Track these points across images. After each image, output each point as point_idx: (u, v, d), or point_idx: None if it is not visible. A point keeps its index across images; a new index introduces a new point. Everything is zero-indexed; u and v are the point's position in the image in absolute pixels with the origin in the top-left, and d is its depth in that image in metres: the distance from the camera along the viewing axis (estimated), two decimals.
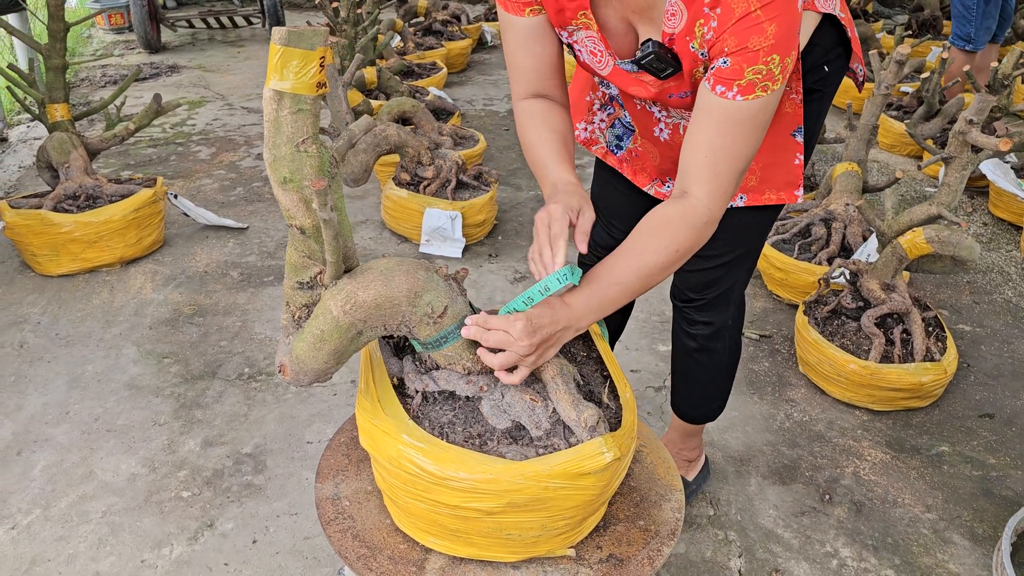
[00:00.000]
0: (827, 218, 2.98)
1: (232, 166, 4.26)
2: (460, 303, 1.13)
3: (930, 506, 2.06)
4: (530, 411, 1.11)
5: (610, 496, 1.17)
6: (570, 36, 1.31)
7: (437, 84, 5.16)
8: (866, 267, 2.49)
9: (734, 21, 1.08)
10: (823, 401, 2.45)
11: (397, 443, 1.06)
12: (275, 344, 2.66)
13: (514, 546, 1.12)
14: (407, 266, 1.08)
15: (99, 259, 3.04)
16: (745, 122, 1.13)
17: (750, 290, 3.08)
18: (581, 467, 1.02)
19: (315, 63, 0.96)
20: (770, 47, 1.07)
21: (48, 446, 2.19)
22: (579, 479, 1.03)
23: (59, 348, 2.62)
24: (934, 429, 2.35)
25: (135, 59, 6.68)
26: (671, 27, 1.16)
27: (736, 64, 1.09)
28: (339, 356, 1.08)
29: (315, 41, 0.95)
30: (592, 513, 1.16)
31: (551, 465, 1.02)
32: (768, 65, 1.09)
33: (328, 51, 0.98)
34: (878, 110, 3.03)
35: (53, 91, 3.10)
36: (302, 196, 1.03)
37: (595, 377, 1.26)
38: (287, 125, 0.98)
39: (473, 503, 1.04)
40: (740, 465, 2.19)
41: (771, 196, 1.51)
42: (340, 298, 1.04)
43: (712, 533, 1.97)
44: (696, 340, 1.77)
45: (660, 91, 1.29)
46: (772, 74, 1.10)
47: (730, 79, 1.11)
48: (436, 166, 3.34)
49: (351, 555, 1.13)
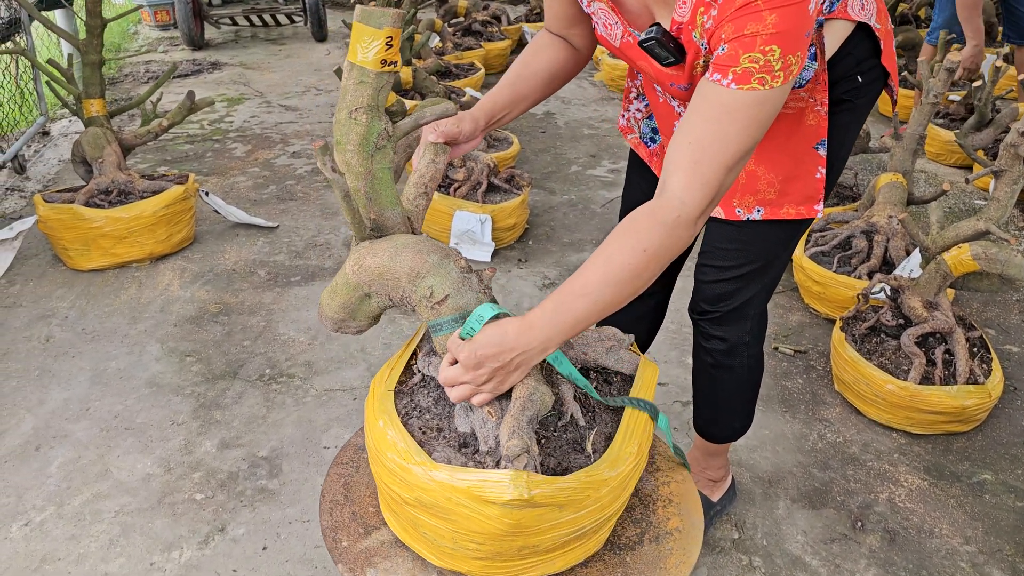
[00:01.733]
0: (869, 230, 2.87)
1: (267, 164, 4.26)
2: (468, 297, 1.08)
3: (969, 538, 1.96)
4: (482, 423, 1.07)
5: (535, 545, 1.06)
6: (589, 5, 1.30)
7: (474, 85, 5.12)
8: (908, 283, 2.38)
9: (733, 9, 1.03)
10: (859, 422, 2.35)
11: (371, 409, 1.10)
12: (297, 345, 2.64)
13: (434, 548, 1.11)
14: (423, 246, 1.09)
15: (129, 255, 3.05)
16: (736, 112, 1.05)
17: (785, 302, 2.99)
18: (482, 492, 0.98)
19: (381, 41, 1.02)
20: (769, 36, 1.01)
21: (67, 442, 2.19)
22: (482, 505, 0.99)
23: (84, 343, 2.62)
24: (976, 455, 2.24)
25: (178, 55, 6.76)
26: (680, 15, 1.13)
27: (732, 50, 1.04)
28: (350, 311, 1.14)
29: (383, 21, 1.01)
30: (517, 555, 1.07)
31: (455, 477, 0.99)
32: (767, 56, 1.02)
33: (396, 32, 1.03)
34: (926, 119, 2.92)
35: (89, 87, 3.12)
36: (345, 158, 1.10)
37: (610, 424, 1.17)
38: (349, 94, 1.07)
39: (395, 486, 1.05)
40: (768, 487, 2.10)
41: (790, 210, 1.45)
42: (354, 257, 1.11)
43: (736, 558, 1.89)
44: (712, 356, 1.70)
45: (659, 74, 1.26)
46: (771, 66, 1.03)
47: (726, 65, 1.05)
48: (467, 168, 3.30)
49: (328, 495, 1.23)
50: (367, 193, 1.11)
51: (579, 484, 1.00)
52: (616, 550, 1.16)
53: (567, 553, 1.09)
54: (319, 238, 3.41)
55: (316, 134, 4.75)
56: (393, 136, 1.11)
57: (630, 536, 1.17)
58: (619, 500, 1.07)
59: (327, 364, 2.54)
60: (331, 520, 1.16)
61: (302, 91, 5.72)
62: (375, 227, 1.13)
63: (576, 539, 1.07)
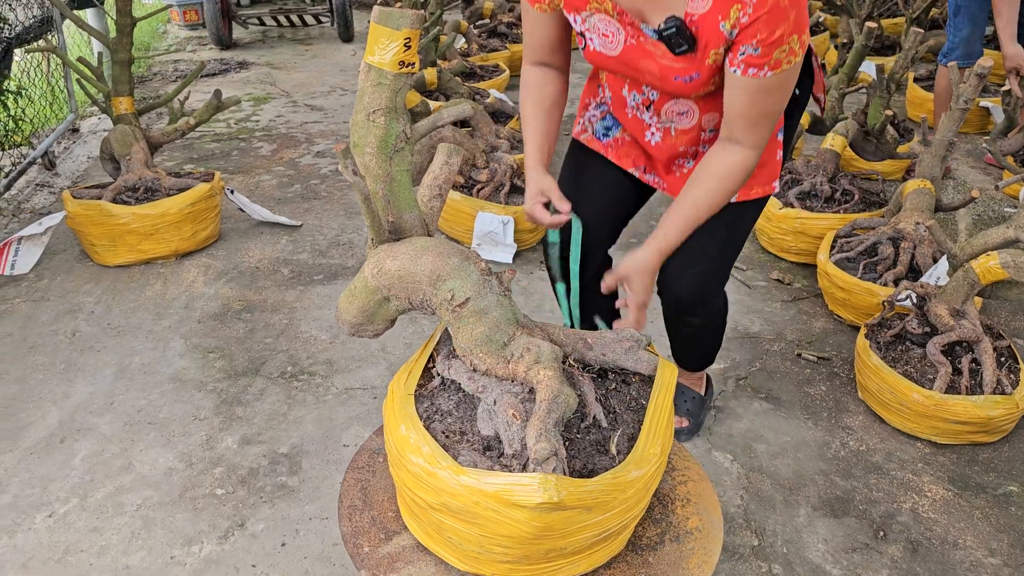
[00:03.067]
0: (895, 237, 2.83)
1: (291, 163, 4.29)
2: (489, 300, 1.08)
3: (994, 550, 1.93)
4: (507, 426, 1.06)
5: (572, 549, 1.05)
6: (583, 22, 1.44)
7: (499, 87, 5.12)
8: (935, 291, 2.35)
9: (767, 10, 1.24)
10: (882, 430, 2.32)
11: (391, 413, 1.08)
12: (319, 343, 2.65)
13: (458, 553, 1.10)
14: (443, 249, 1.08)
15: (155, 251, 3.09)
16: (775, 89, 1.34)
17: (809, 308, 2.96)
18: (511, 496, 0.96)
19: (399, 42, 1.01)
20: (791, 29, 1.26)
21: (91, 436, 2.21)
22: (510, 508, 0.97)
23: (110, 338, 2.66)
24: (1003, 467, 2.20)
25: (207, 55, 6.82)
26: (695, 9, 1.31)
27: (766, 51, 1.28)
28: (368, 315, 1.15)
29: (401, 22, 1.00)
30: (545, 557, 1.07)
31: (484, 481, 0.98)
32: (790, 43, 1.28)
33: (415, 33, 1.01)
34: (956, 125, 2.88)
35: (118, 84, 3.16)
36: (363, 161, 1.10)
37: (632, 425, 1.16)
38: (367, 95, 1.07)
39: (419, 491, 1.03)
40: (789, 494, 2.08)
41: (757, 191, 1.71)
42: (373, 261, 1.11)
43: (755, 565, 1.87)
44: (691, 327, 1.96)
45: (665, 70, 1.40)
46: (793, 50, 1.29)
47: (760, 63, 1.30)
48: (491, 169, 3.30)
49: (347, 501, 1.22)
50: (385, 195, 1.10)
51: (606, 486, 0.99)
52: (638, 551, 1.16)
53: (592, 555, 1.09)
54: (342, 237, 3.42)
55: (341, 134, 4.77)
56: (411, 138, 1.11)
57: (651, 536, 1.17)
58: (643, 501, 1.07)
59: (348, 362, 2.55)
60: (351, 526, 1.15)
61: (328, 91, 5.76)
62: (393, 229, 1.13)
63: (602, 540, 1.06)
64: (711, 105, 1.54)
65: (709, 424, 2.32)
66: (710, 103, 1.54)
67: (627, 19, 1.39)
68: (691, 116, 1.56)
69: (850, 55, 3.58)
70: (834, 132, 3.40)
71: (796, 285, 3.13)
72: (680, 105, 1.53)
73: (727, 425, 2.32)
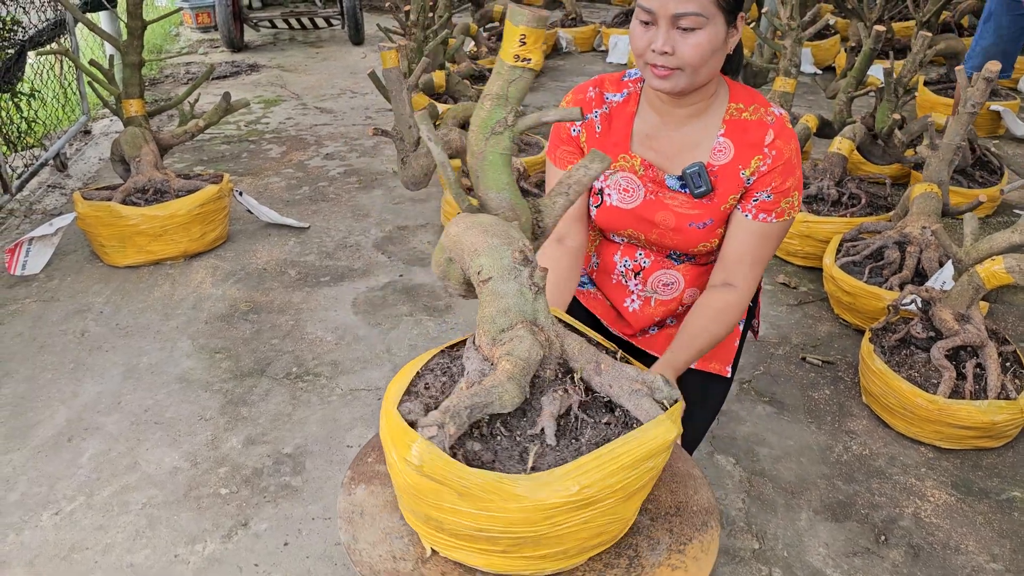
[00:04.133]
0: (901, 241, 2.83)
1: (300, 165, 4.32)
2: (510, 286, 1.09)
3: (996, 556, 1.92)
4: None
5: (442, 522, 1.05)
6: (605, 179, 1.57)
7: None
8: (940, 295, 2.35)
9: (783, 163, 1.44)
10: (886, 435, 2.32)
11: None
12: (324, 344, 2.67)
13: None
14: (493, 228, 1.13)
15: (163, 252, 3.11)
16: (774, 236, 1.50)
17: (814, 312, 2.96)
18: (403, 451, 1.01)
19: (516, 37, 1.08)
20: (796, 185, 1.47)
21: (98, 435, 2.23)
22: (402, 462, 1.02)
23: (118, 338, 2.68)
24: (1006, 472, 2.19)
25: (218, 57, 6.87)
26: (716, 160, 1.48)
27: (777, 198, 1.46)
28: (443, 270, 1.19)
29: (519, 19, 1.06)
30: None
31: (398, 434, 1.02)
32: (793, 197, 1.47)
33: (531, 31, 1.07)
34: (964, 129, 2.87)
35: (129, 87, 3.19)
36: (471, 136, 1.16)
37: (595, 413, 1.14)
38: (490, 81, 1.14)
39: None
40: (791, 497, 2.08)
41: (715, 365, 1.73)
42: (450, 224, 1.16)
43: (756, 568, 1.87)
44: None
45: (681, 218, 1.52)
46: (794, 205, 1.48)
47: (770, 209, 1.47)
48: None
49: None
50: (475, 170, 1.17)
51: (485, 483, 0.95)
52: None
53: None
54: (349, 239, 3.44)
55: (350, 136, 4.80)
56: (512, 127, 1.16)
57: None
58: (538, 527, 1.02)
59: (353, 364, 2.57)
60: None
61: (337, 93, 5.79)
62: (481, 204, 1.20)
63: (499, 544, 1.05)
64: (696, 280, 1.64)
65: (713, 428, 2.32)
66: (696, 277, 1.63)
67: (650, 174, 1.53)
68: (675, 288, 1.65)
69: (858, 59, 3.58)
70: (842, 136, 3.39)
71: (802, 289, 3.13)
72: (668, 276, 1.64)
73: (730, 429, 2.32)
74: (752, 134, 1.46)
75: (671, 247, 1.59)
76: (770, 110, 1.48)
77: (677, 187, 1.52)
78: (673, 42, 1.35)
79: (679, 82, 1.39)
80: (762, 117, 1.47)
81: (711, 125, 1.49)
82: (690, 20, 1.32)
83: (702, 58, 1.36)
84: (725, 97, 1.50)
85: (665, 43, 1.35)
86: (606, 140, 1.56)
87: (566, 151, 1.59)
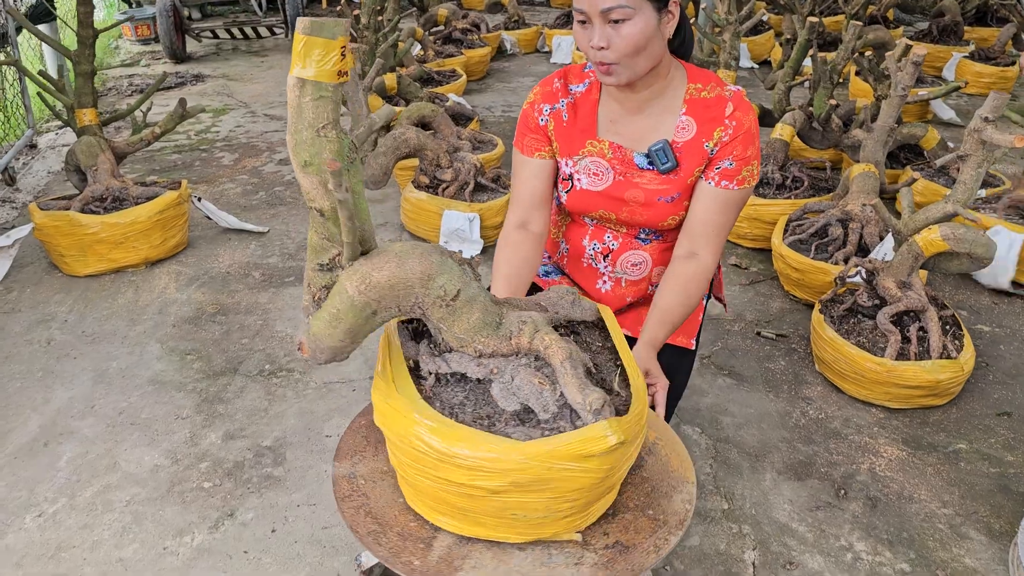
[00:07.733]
0: (844, 219, 2.98)
1: (255, 171, 4.33)
2: (474, 287, 1.15)
3: (946, 502, 2.06)
4: (538, 394, 1.13)
5: (617, 482, 1.17)
6: (574, 165, 1.64)
7: (456, 91, 5.21)
8: (882, 265, 2.49)
9: (743, 132, 1.53)
10: (839, 399, 2.45)
11: (408, 422, 1.08)
12: (295, 342, 2.70)
13: (520, 527, 1.13)
14: (421, 249, 1.11)
15: (125, 259, 3.11)
16: (735, 203, 1.58)
17: (766, 290, 3.09)
18: (585, 449, 1.03)
19: (336, 52, 0.99)
20: (755, 154, 1.56)
21: (74, 438, 2.24)
22: (583, 461, 1.04)
23: (85, 345, 2.68)
24: (951, 427, 2.34)
25: (161, 69, 6.80)
26: (680, 137, 1.57)
27: (738, 165, 1.54)
28: (354, 335, 1.11)
29: (336, 31, 0.98)
30: (598, 498, 1.16)
31: (555, 446, 1.03)
32: (753, 166, 1.56)
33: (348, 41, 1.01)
34: (895, 112, 3.03)
35: (82, 96, 3.18)
36: (321, 179, 1.06)
37: (608, 366, 1.28)
38: (308, 111, 1.02)
39: (478, 481, 1.05)
40: (755, 461, 2.20)
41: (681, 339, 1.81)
42: (356, 279, 1.07)
43: (726, 527, 1.97)
44: None
45: (651, 193, 1.60)
46: (753, 173, 1.57)
47: (732, 176, 1.55)
48: (455, 169, 3.38)
49: (362, 530, 1.15)
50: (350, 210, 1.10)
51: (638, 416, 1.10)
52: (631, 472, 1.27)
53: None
54: None
55: None
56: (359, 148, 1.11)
57: None
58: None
59: None
60: (386, 550, 1.14)
61: (285, 101, 5.77)
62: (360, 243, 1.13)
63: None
64: (663, 258, 1.71)
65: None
66: (663, 255, 1.71)
67: (619, 155, 1.60)
68: (644, 267, 1.73)
69: (794, 50, 3.74)
70: (782, 123, 3.55)
71: (752, 269, 3.27)
72: (636, 256, 1.71)
73: (694, 401, 2.43)
74: (713, 110, 1.56)
75: (641, 224, 1.66)
76: (727, 87, 1.57)
77: (645, 165, 1.60)
78: (608, 36, 1.43)
79: (621, 75, 1.47)
80: (720, 94, 1.57)
81: (672, 107, 1.58)
82: (619, 12, 1.40)
83: (636, 47, 1.42)
84: (683, 79, 1.59)
85: (600, 38, 1.43)
86: (573, 128, 1.64)
87: (533, 139, 1.67)
